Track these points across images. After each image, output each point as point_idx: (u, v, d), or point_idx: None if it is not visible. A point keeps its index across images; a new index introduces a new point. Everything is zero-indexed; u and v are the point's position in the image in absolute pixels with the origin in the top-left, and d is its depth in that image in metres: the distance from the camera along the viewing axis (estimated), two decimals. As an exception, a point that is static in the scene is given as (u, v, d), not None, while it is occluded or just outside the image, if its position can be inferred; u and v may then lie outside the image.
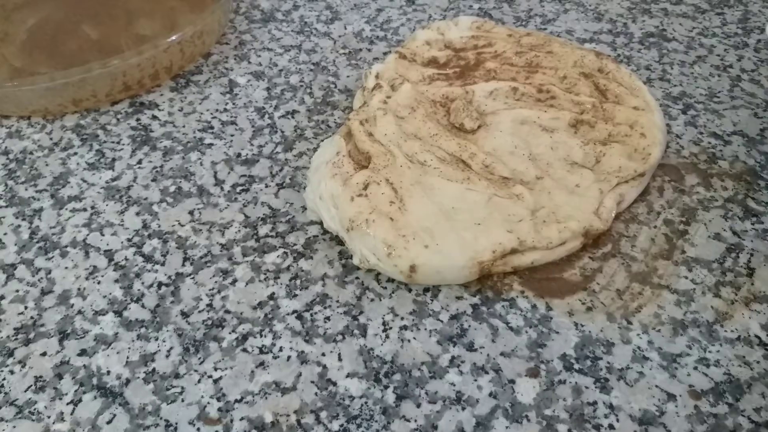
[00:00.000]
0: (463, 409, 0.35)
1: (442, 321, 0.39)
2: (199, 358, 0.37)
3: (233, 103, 0.55)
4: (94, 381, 0.36)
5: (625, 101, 0.49)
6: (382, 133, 0.45)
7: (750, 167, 0.48)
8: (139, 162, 0.50)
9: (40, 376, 0.37)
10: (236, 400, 0.35)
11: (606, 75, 0.51)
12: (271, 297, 0.40)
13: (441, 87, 0.50)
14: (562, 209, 0.42)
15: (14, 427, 0.34)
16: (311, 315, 0.39)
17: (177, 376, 0.36)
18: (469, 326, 0.39)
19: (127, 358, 0.37)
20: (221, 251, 0.43)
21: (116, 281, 0.41)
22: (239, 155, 0.50)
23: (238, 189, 0.48)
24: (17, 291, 0.41)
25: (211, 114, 0.54)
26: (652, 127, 0.47)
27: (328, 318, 0.39)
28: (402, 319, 0.39)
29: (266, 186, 0.48)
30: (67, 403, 0.35)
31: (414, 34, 0.58)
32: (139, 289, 0.41)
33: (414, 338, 0.38)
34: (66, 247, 0.44)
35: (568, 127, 0.47)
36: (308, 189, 0.45)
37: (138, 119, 0.54)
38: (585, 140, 0.46)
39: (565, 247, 0.41)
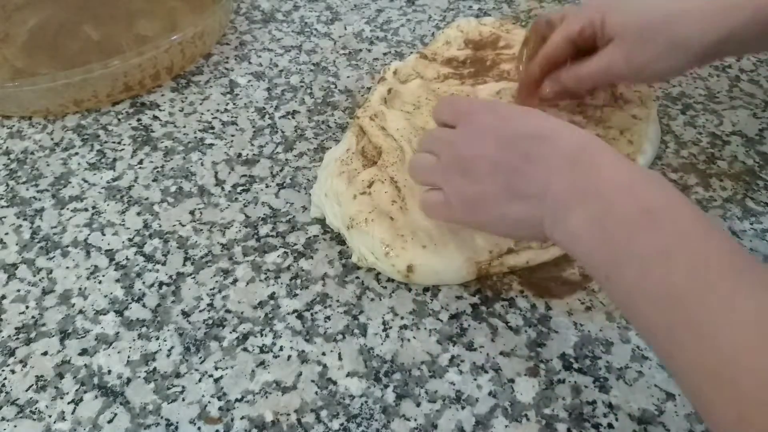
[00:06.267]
0: (463, 408, 0.35)
1: (441, 320, 0.39)
2: (200, 358, 0.37)
3: (234, 104, 0.56)
4: (95, 380, 0.36)
5: (628, 108, 0.49)
6: (394, 127, 0.46)
7: (749, 167, 0.48)
8: (140, 162, 0.50)
9: (41, 376, 0.37)
10: (237, 399, 0.35)
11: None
12: (272, 296, 0.40)
13: (452, 85, 0.51)
14: None
15: (15, 426, 0.34)
16: (311, 314, 0.39)
17: (178, 375, 0.36)
18: (469, 326, 0.39)
19: (128, 357, 0.37)
20: (222, 251, 0.43)
21: (117, 281, 0.42)
22: (240, 155, 0.51)
23: (239, 189, 0.48)
24: (18, 291, 0.41)
25: (212, 114, 0.55)
26: (642, 137, 0.47)
27: (328, 317, 0.39)
28: (402, 318, 0.39)
29: (267, 186, 0.48)
30: (68, 403, 0.35)
31: (436, 36, 0.58)
32: (140, 289, 0.41)
33: (414, 338, 0.38)
34: (67, 246, 0.44)
35: None
36: (316, 185, 0.46)
37: (139, 119, 0.54)
38: None
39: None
